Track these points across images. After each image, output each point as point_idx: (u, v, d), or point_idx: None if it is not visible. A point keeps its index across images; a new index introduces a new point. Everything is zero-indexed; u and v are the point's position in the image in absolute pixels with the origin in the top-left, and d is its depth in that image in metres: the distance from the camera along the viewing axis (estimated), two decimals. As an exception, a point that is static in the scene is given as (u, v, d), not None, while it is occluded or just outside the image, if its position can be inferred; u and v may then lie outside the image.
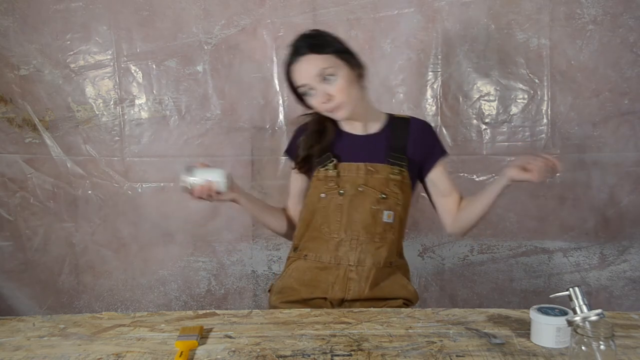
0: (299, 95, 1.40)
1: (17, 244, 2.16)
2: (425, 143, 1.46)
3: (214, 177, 1.31)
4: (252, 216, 1.50)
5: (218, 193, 1.32)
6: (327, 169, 1.40)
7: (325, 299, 1.41)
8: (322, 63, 1.32)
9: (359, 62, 1.40)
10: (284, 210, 1.58)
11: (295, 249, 1.48)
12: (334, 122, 1.45)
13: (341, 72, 1.34)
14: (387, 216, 1.40)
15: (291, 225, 1.56)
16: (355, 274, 1.40)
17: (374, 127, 1.46)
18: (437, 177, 1.48)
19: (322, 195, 1.41)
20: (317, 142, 1.44)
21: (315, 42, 1.36)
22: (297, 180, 1.53)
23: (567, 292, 1.00)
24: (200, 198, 1.32)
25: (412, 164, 1.44)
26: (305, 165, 1.46)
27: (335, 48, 1.36)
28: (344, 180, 1.40)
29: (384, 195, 1.39)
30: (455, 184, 1.51)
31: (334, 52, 1.35)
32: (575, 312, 0.98)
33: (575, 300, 0.98)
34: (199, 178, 1.30)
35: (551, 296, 1.05)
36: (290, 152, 1.52)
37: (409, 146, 1.43)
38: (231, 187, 1.36)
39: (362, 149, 1.42)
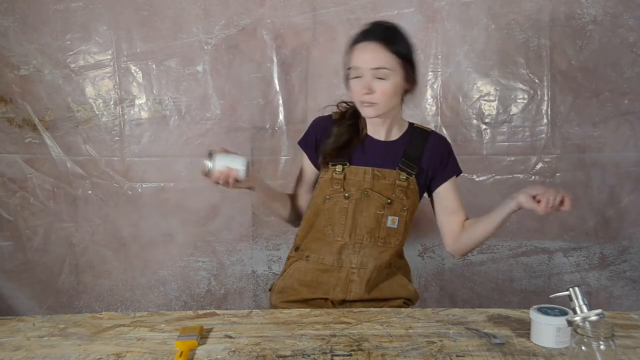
0: (346, 79, 1.37)
1: (17, 244, 2.16)
2: (440, 158, 1.44)
3: (235, 165, 1.27)
4: (261, 202, 1.47)
5: (237, 180, 1.28)
6: (335, 170, 1.39)
7: (326, 299, 1.41)
8: (383, 60, 1.28)
9: (415, 79, 1.38)
10: (290, 197, 1.54)
11: (296, 248, 1.48)
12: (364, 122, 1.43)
13: (393, 79, 1.31)
14: (391, 221, 1.39)
15: (295, 212, 1.53)
16: (357, 276, 1.40)
17: (395, 135, 1.45)
18: (445, 193, 1.46)
19: (327, 197, 1.40)
20: (354, 136, 1.40)
21: (389, 34, 1.31)
22: (309, 170, 1.50)
23: (567, 292, 1.00)
24: (218, 183, 1.28)
25: (422, 173, 1.43)
26: (332, 157, 1.42)
27: (403, 52, 1.31)
28: (350, 183, 1.39)
29: (389, 201, 1.38)
30: (462, 204, 1.48)
31: (399, 55, 1.30)
32: (575, 312, 0.98)
33: (575, 300, 0.98)
34: (219, 164, 1.27)
35: (551, 296, 1.05)
36: (305, 143, 1.48)
37: (424, 157, 1.42)
38: (249, 175, 1.31)
39: (377, 154, 1.41)
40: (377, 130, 1.44)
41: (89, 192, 2.15)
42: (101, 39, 2.07)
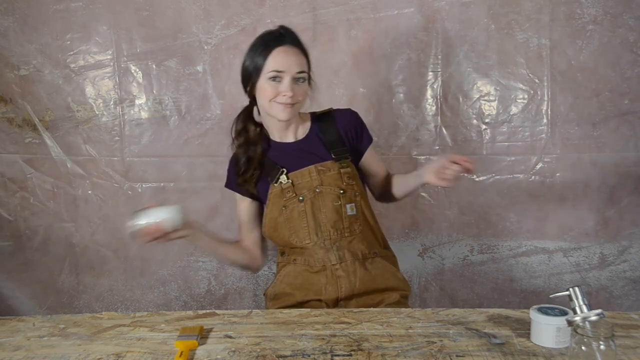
0: (249, 80, 1.42)
1: (17, 244, 2.16)
2: (354, 129, 1.50)
3: (163, 215, 1.24)
4: (210, 253, 1.48)
5: (168, 232, 1.25)
6: (280, 182, 1.42)
7: (319, 300, 1.41)
8: (303, 64, 1.39)
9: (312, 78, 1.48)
10: (239, 242, 1.55)
11: (282, 253, 1.49)
12: (260, 134, 1.49)
13: (307, 79, 1.41)
14: (350, 209, 1.42)
15: (252, 256, 1.55)
16: (342, 271, 1.40)
17: (303, 131, 1.48)
18: (369, 161, 1.54)
19: (284, 207, 1.42)
20: (254, 151, 1.46)
21: (299, 40, 1.41)
22: (246, 207, 1.53)
23: (567, 292, 1.00)
24: (151, 240, 1.26)
25: (351, 152, 1.48)
26: (247, 181, 1.47)
27: (307, 55, 1.43)
28: (300, 187, 1.42)
29: (342, 191, 1.41)
30: (382, 163, 1.60)
31: (307, 58, 1.42)
32: (575, 312, 0.98)
33: (575, 300, 0.98)
34: (144, 220, 1.24)
35: (551, 296, 1.05)
36: (231, 183, 1.53)
37: (342, 137, 1.47)
38: (187, 223, 1.30)
39: (302, 154, 1.45)
40: (285, 135, 1.48)
41: (89, 192, 2.15)
42: (101, 39, 2.07)
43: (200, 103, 2.11)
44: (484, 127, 2.11)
